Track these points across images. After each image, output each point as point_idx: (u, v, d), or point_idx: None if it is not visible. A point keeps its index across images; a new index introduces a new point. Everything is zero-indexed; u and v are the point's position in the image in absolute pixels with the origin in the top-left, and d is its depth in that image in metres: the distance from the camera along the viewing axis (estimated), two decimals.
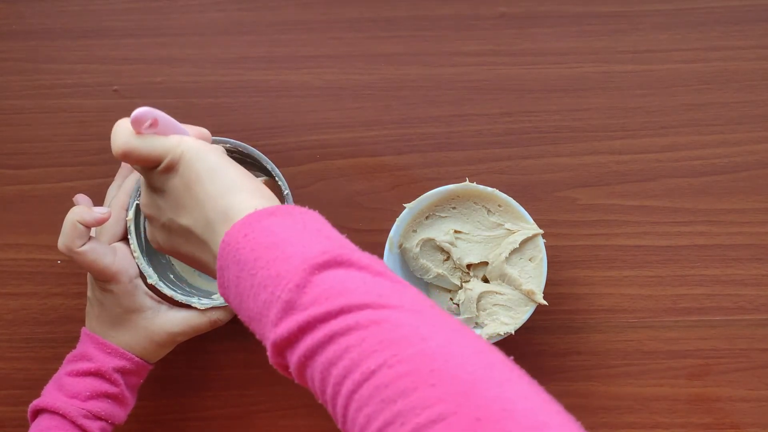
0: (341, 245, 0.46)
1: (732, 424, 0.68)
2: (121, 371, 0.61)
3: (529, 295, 0.63)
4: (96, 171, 0.69)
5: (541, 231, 0.63)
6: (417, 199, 0.63)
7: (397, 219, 0.63)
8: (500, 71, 0.68)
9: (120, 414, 0.62)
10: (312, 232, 0.46)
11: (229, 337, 0.68)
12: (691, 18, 0.68)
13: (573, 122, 0.68)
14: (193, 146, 0.51)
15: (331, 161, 0.69)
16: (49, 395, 0.60)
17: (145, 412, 0.68)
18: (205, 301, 0.64)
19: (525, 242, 0.63)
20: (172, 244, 0.53)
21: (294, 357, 0.43)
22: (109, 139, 0.69)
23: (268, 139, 0.69)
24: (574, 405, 0.69)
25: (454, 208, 0.65)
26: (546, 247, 0.62)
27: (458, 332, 0.41)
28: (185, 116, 0.69)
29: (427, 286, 0.67)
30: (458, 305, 0.65)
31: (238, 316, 0.48)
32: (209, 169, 0.50)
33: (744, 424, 0.68)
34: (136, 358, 0.62)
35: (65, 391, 0.60)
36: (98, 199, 0.69)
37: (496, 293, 0.64)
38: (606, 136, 0.68)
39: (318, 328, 0.42)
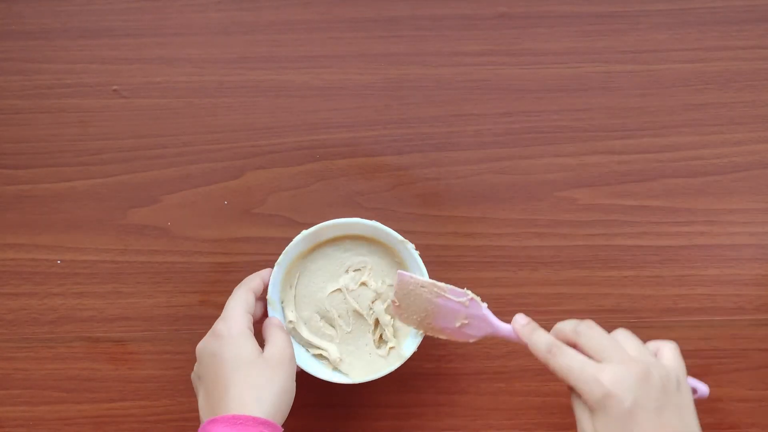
0: None
1: (732, 424, 0.68)
2: None
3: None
4: (96, 171, 0.69)
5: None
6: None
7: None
8: (500, 71, 0.68)
9: None
10: None
11: None
12: (691, 18, 0.68)
13: (573, 122, 0.68)
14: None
15: (331, 161, 0.69)
16: None
17: (145, 412, 0.68)
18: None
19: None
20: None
21: None
22: (108, 138, 0.69)
23: (268, 139, 0.69)
24: None
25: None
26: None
27: None
28: (185, 116, 0.69)
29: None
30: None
31: None
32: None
33: (744, 424, 0.68)
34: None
35: None
36: (94, 199, 0.69)
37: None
38: (606, 136, 0.68)
39: None
